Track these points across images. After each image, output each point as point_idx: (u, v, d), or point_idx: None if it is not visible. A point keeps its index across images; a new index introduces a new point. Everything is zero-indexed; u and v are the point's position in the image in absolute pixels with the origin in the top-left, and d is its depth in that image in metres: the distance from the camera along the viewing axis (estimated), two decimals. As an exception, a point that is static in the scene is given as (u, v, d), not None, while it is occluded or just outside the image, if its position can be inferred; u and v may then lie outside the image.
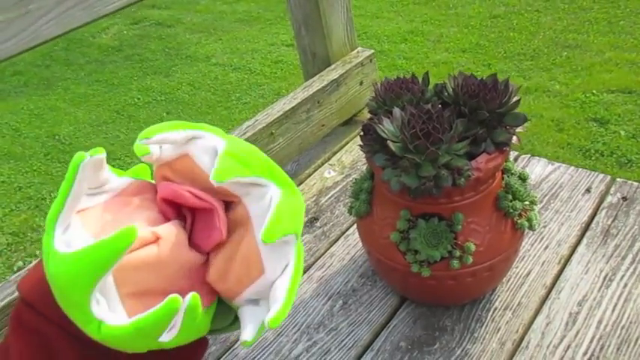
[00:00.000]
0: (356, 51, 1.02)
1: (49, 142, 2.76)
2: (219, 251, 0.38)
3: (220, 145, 0.36)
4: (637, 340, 0.60)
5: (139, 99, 3.03)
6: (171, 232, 0.37)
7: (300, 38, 0.99)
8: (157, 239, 0.36)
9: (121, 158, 2.49)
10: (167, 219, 0.39)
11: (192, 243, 0.38)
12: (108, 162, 0.41)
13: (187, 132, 0.37)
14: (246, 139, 0.86)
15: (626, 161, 1.97)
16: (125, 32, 3.86)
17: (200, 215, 0.39)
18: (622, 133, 2.10)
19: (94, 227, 0.36)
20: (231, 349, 0.67)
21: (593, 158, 2.02)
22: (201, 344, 0.43)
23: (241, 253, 0.37)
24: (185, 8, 4.06)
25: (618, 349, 0.60)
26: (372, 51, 1.03)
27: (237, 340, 0.68)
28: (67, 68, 3.50)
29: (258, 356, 0.66)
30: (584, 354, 0.60)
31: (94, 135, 2.76)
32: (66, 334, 0.37)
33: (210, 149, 0.37)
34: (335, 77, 0.96)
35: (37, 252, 2.03)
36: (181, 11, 4.03)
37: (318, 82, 0.95)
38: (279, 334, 0.68)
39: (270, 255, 0.36)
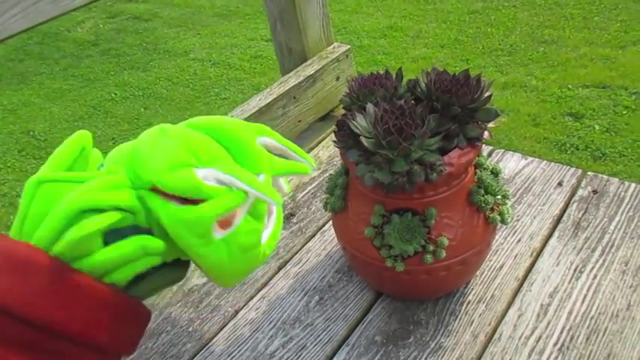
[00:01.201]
0: (332, 46, 1.02)
1: (24, 138, 2.71)
2: None
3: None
4: (605, 330, 0.62)
5: (115, 94, 2.99)
6: None
7: (276, 33, 0.99)
8: None
9: (98, 154, 2.45)
10: None
11: None
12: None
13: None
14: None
15: (600, 155, 2.01)
16: (101, 26, 3.80)
17: None
18: (596, 127, 2.15)
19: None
20: (207, 346, 0.67)
21: (568, 152, 2.05)
22: (141, 317, 0.43)
23: None
24: (162, 2, 4.01)
25: (587, 339, 0.61)
26: (349, 46, 1.03)
27: (213, 337, 0.68)
28: (41, 63, 3.43)
29: (234, 353, 0.66)
30: (555, 344, 0.61)
31: (70, 131, 2.70)
32: (55, 339, 0.37)
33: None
34: (311, 73, 0.96)
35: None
36: (159, 5, 3.98)
37: (294, 78, 0.95)
38: (254, 331, 0.68)
39: None
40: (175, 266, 0.45)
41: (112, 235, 0.40)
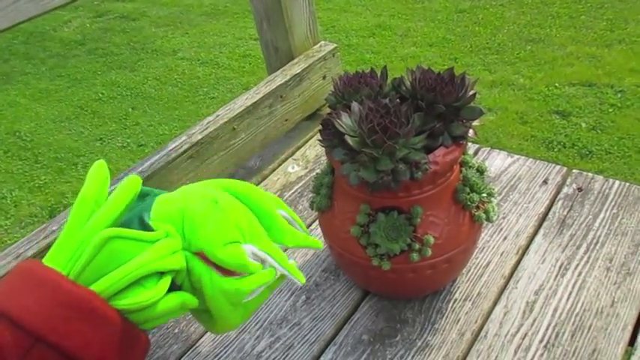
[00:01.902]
0: (319, 45, 1.02)
1: (9, 138, 2.67)
2: None
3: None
4: (590, 327, 0.62)
5: (103, 94, 2.96)
6: None
7: (262, 32, 0.98)
8: None
9: (85, 155, 2.43)
10: None
11: None
12: (71, 159, 0.48)
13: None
14: (208, 135, 0.85)
15: (587, 152, 2.03)
16: (88, 25, 3.76)
17: None
18: (583, 125, 2.16)
19: None
20: (194, 347, 0.67)
21: (555, 150, 2.07)
22: (139, 343, 0.44)
23: None
24: (150, 1, 3.98)
25: (572, 335, 0.62)
26: (335, 45, 1.03)
27: (200, 338, 0.68)
28: (27, 62, 3.39)
29: (221, 353, 0.66)
30: (540, 341, 0.61)
31: (57, 131, 2.69)
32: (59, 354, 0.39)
33: None
34: (298, 72, 0.96)
35: (-2, 252, 1.96)
36: (146, 4, 3.95)
37: (280, 77, 0.95)
38: (241, 331, 0.67)
39: None
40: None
41: None
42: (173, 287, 0.46)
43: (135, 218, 0.47)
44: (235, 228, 0.48)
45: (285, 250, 0.53)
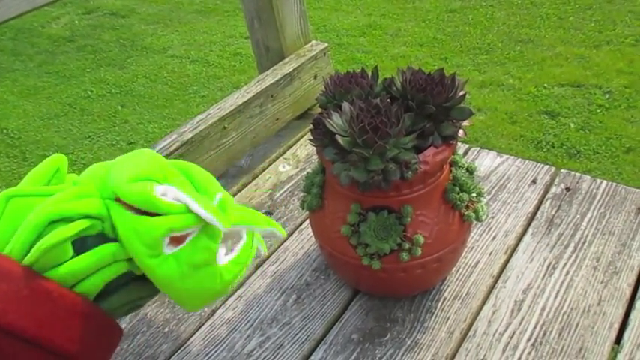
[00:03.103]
0: (310, 44, 1.02)
1: (-3, 136, 2.64)
2: None
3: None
4: (577, 325, 0.63)
5: (92, 91, 2.93)
6: None
7: (253, 31, 0.98)
8: None
9: (74, 153, 2.41)
10: None
11: None
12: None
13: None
14: (199, 134, 0.85)
15: (575, 152, 2.05)
16: (77, 22, 3.73)
17: None
18: (571, 125, 2.18)
19: None
20: (184, 346, 0.67)
21: (544, 150, 2.08)
22: (112, 330, 0.44)
23: None
24: (140, -2, 3.95)
25: (560, 334, 0.62)
26: (326, 44, 1.03)
27: (190, 337, 0.68)
28: (15, 59, 3.35)
29: (211, 352, 0.65)
30: (528, 340, 0.62)
31: (45, 129, 2.67)
32: (25, 346, 0.37)
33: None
34: (288, 71, 0.96)
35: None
36: (136, 1, 3.92)
37: (271, 76, 0.95)
38: (232, 330, 0.67)
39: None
40: (145, 281, 0.46)
41: (80, 246, 0.42)
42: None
43: None
44: (150, 168, 0.44)
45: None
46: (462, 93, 0.59)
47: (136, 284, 0.46)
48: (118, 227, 0.43)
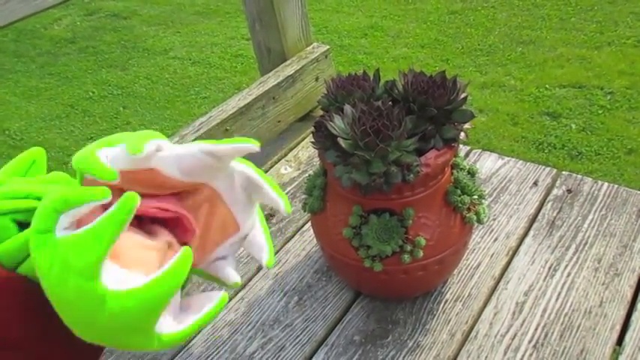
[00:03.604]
0: (311, 47, 1.02)
1: (-1, 137, 2.65)
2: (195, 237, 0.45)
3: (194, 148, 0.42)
4: (578, 327, 0.63)
5: (93, 93, 2.94)
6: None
7: (254, 33, 0.98)
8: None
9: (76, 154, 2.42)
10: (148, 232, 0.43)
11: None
12: (61, 158, 0.45)
13: (148, 149, 0.39)
14: (200, 136, 0.85)
15: (577, 154, 2.05)
16: (79, 23, 3.74)
17: (171, 221, 0.44)
18: (573, 126, 2.18)
19: (119, 258, 0.37)
20: (186, 348, 0.67)
21: (545, 151, 2.08)
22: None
23: (217, 221, 0.46)
24: (142, 0, 3.96)
25: (561, 335, 0.62)
26: (328, 47, 1.03)
27: (192, 339, 0.68)
28: (17, 60, 3.36)
29: (213, 355, 0.66)
30: (530, 342, 0.62)
31: (47, 130, 2.67)
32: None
33: (172, 159, 0.41)
34: (290, 73, 0.96)
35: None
36: (138, 3, 3.92)
37: (273, 78, 0.95)
38: (233, 332, 0.68)
39: (241, 214, 0.48)
40: None
41: None
42: None
43: None
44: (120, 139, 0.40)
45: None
46: (463, 95, 0.59)
47: None
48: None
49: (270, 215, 0.84)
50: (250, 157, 0.98)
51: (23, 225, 0.39)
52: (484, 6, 3.21)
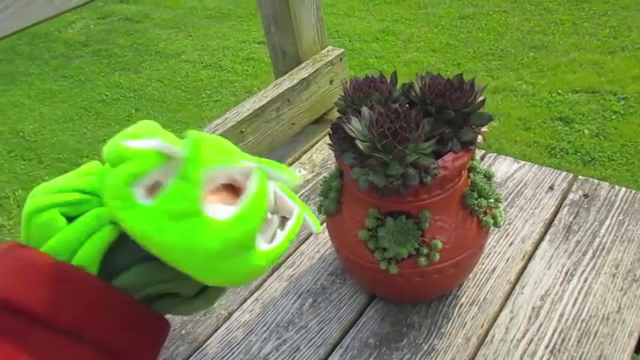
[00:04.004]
0: (326, 50, 1.03)
1: (13, 138, 2.68)
2: None
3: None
4: (596, 332, 0.62)
5: (106, 95, 2.97)
6: None
7: (270, 36, 0.99)
8: None
9: (89, 156, 2.44)
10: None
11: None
12: (74, 160, 0.45)
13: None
14: (216, 138, 0.85)
15: (590, 159, 2.03)
16: (92, 27, 3.78)
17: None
18: (586, 131, 2.17)
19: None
20: (200, 349, 0.67)
21: (558, 156, 2.07)
22: (162, 328, 0.42)
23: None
24: (154, 3, 4.00)
25: (579, 341, 0.62)
26: (342, 50, 1.03)
27: (207, 339, 0.68)
28: (31, 63, 3.40)
29: (227, 356, 0.66)
30: (546, 347, 0.62)
31: (60, 132, 2.70)
32: (41, 328, 0.36)
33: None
34: (305, 76, 0.96)
35: (0, 252, 1.97)
36: (150, 6, 3.96)
37: (288, 81, 0.95)
38: (248, 333, 0.68)
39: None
40: (193, 298, 0.44)
41: None
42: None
43: None
44: (148, 130, 0.41)
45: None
46: (481, 99, 0.59)
47: (152, 263, 0.41)
48: (100, 193, 0.40)
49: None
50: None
51: (70, 219, 0.40)
52: (496, 10, 3.20)
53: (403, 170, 0.55)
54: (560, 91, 2.43)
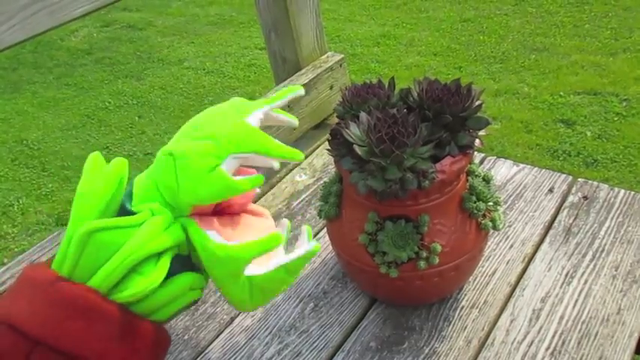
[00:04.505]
0: (326, 55, 1.04)
1: (17, 147, 2.70)
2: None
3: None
4: (596, 334, 0.63)
5: (109, 103, 2.99)
6: None
7: (270, 43, 1.00)
8: None
9: (92, 163, 2.45)
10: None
11: None
12: (77, 168, 0.47)
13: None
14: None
15: (592, 161, 2.03)
16: (95, 35, 3.80)
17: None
18: (588, 133, 2.17)
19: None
20: (203, 354, 0.67)
21: (560, 158, 2.07)
22: (160, 343, 0.44)
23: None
24: (157, 11, 4.02)
25: (579, 343, 0.62)
26: (342, 55, 1.04)
27: (209, 344, 0.68)
28: (35, 71, 3.43)
29: (230, 360, 0.66)
30: (547, 349, 0.62)
31: (64, 140, 2.72)
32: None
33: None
34: (305, 82, 0.97)
35: (5, 260, 1.98)
36: (153, 14, 3.99)
37: (288, 87, 0.96)
38: (250, 338, 0.68)
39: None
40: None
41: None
42: (184, 263, 0.44)
43: (120, 210, 0.44)
44: (204, 153, 0.42)
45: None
46: (478, 103, 0.60)
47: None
48: (200, 254, 0.43)
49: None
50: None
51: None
52: (497, 13, 3.21)
53: (401, 174, 0.55)
54: (561, 93, 2.43)
